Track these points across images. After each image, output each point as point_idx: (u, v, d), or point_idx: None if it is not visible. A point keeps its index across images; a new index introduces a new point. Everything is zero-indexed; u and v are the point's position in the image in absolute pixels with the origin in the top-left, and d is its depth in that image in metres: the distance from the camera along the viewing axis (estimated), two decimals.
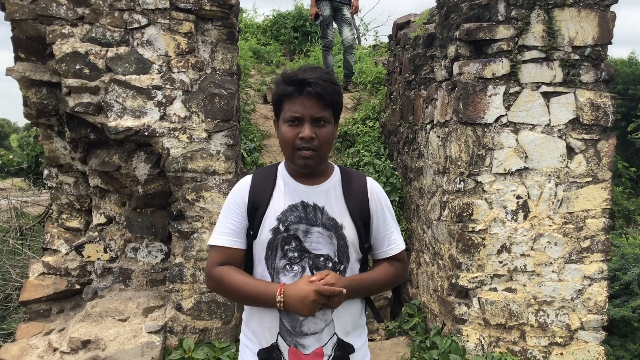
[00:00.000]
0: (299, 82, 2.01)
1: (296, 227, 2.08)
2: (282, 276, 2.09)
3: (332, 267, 2.10)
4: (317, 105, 2.02)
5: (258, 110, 7.77)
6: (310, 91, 1.99)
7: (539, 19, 4.22)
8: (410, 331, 5.04)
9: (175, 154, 4.39)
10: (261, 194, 2.15)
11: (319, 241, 2.09)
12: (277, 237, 2.08)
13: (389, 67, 7.29)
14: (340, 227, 2.11)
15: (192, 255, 4.48)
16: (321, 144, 2.04)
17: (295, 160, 2.06)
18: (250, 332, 2.20)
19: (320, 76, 2.03)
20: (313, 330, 2.09)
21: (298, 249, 2.08)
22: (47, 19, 4.23)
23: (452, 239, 4.48)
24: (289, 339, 2.10)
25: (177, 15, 4.34)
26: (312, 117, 2.01)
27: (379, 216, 2.21)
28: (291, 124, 2.03)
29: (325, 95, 2.01)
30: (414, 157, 5.56)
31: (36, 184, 7.67)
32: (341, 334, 2.15)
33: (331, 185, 2.18)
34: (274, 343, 2.12)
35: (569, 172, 4.30)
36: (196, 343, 4.44)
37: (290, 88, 2.03)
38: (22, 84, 4.49)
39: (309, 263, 2.08)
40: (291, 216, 2.09)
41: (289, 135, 2.03)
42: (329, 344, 2.12)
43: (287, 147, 2.06)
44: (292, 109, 2.03)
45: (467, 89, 4.26)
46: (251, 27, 11.69)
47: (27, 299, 4.75)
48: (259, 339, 2.15)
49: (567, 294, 4.36)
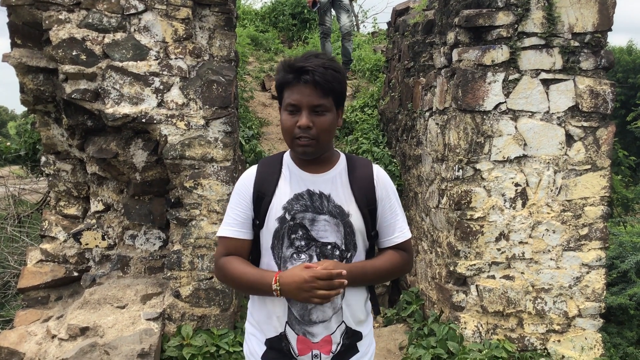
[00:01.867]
0: (297, 70, 2.00)
1: (302, 216, 2.08)
2: (289, 265, 2.08)
3: (339, 255, 2.09)
4: (314, 93, 2.00)
5: (256, 97, 7.75)
6: (308, 79, 1.98)
7: (538, 6, 4.20)
8: (408, 318, 5.06)
9: (173, 141, 4.37)
10: (266, 183, 2.15)
11: (326, 229, 2.08)
12: (284, 226, 2.08)
13: (387, 54, 7.26)
14: (346, 214, 2.10)
15: (190, 242, 4.48)
16: (319, 133, 2.02)
17: (295, 148, 2.07)
18: (256, 322, 2.20)
19: (321, 64, 2.00)
20: (322, 319, 2.09)
21: (305, 238, 2.08)
22: (44, 4, 4.18)
23: (451, 226, 4.48)
24: (298, 327, 2.10)
25: (174, 1, 4.30)
26: (309, 105, 2.00)
27: (385, 204, 2.19)
28: (290, 112, 2.03)
29: (324, 84, 1.99)
30: (413, 145, 5.55)
31: (34, 171, 7.65)
32: (349, 322, 2.15)
33: (337, 172, 2.17)
34: (282, 332, 2.12)
35: (568, 160, 4.30)
36: (194, 330, 4.45)
37: (290, 76, 2.02)
38: (18, 70, 4.45)
39: (316, 251, 2.08)
40: (297, 205, 2.09)
41: (288, 124, 2.03)
42: (337, 331, 2.12)
43: (287, 136, 2.07)
44: (290, 97, 2.02)
45: (466, 76, 4.24)
46: (249, 14, 11.63)
47: (25, 286, 4.74)
48: (266, 328, 2.16)
49: (565, 281, 4.36)
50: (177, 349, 4.29)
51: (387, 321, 5.26)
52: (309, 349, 2.11)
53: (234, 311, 4.64)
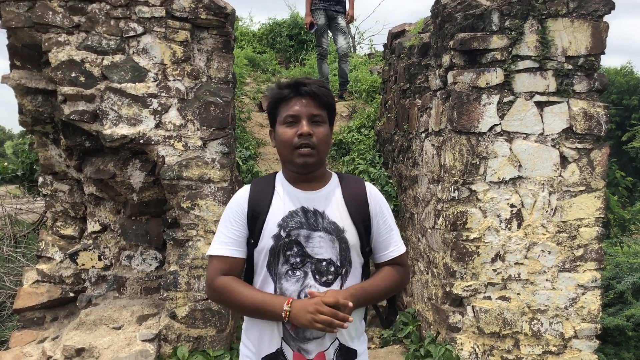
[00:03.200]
0: (294, 84, 2.09)
1: (297, 233, 2.10)
2: (284, 282, 2.10)
3: (335, 271, 2.11)
4: (313, 104, 2.08)
5: (253, 118, 7.79)
6: (306, 90, 2.07)
7: (532, 29, 4.26)
8: (405, 339, 5.04)
9: (171, 162, 4.40)
10: (260, 202, 2.17)
11: (321, 245, 2.10)
12: (279, 243, 2.10)
13: (384, 75, 7.32)
14: (341, 230, 2.13)
15: (186, 263, 4.48)
16: (319, 142, 2.08)
17: (295, 160, 2.09)
18: (251, 342, 2.20)
19: (314, 80, 2.12)
20: (315, 335, 2.10)
21: (300, 254, 2.10)
22: (43, 27, 4.24)
23: (447, 247, 4.49)
24: (293, 344, 2.11)
25: (173, 24, 4.36)
26: (309, 114, 2.07)
27: (379, 219, 2.23)
28: (288, 124, 2.08)
29: (321, 96, 2.09)
30: (409, 166, 5.58)
31: (31, 191, 7.67)
32: (344, 339, 2.16)
33: (330, 189, 2.20)
34: (279, 348, 2.13)
35: (563, 181, 4.33)
36: (190, 351, 4.43)
37: (286, 91, 2.10)
38: (17, 91, 4.49)
39: (311, 268, 2.10)
40: (292, 222, 2.11)
41: (287, 135, 2.07)
42: (331, 348, 2.13)
43: (286, 148, 2.09)
44: (289, 109, 2.08)
45: (462, 98, 4.29)
46: (247, 35, 11.72)
47: (21, 306, 4.74)
48: (262, 347, 2.15)
49: (560, 302, 4.37)
50: None
51: (383, 342, 5.24)
52: None
53: (230, 332, 4.63)
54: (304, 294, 2.09)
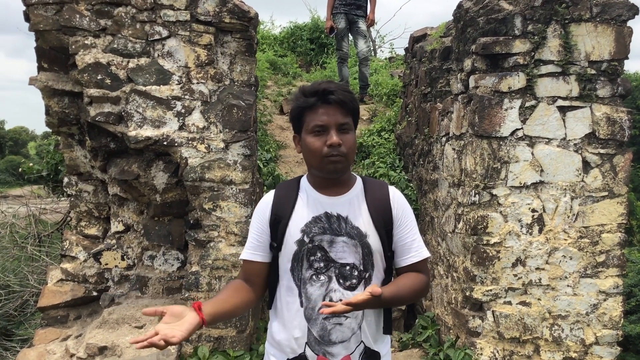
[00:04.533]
0: (321, 92, 2.06)
1: (321, 238, 2.12)
2: (308, 286, 2.12)
3: (358, 276, 2.13)
4: (340, 112, 2.07)
5: (274, 121, 7.84)
6: (334, 99, 2.05)
7: (555, 34, 4.25)
8: (424, 343, 5.04)
9: (193, 164, 4.45)
10: (283, 207, 2.19)
11: (344, 250, 2.12)
12: (303, 249, 2.12)
13: (404, 79, 7.33)
14: (364, 235, 2.13)
15: (208, 264, 4.53)
16: (348, 150, 2.08)
17: (325, 167, 2.09)
18: (276, 342, 2.23)
19: (338, 86, 2.10)
20: (341, 339, 2.12)
21: (324, 259, 2.12)
22: (70, 30, 4.32)
23: (467, 251, 4.49)
24: (317, 348, 2.13)
25: (197, 28, 4.41)
26: (337, 123, 2.06)
27: (402, 224, 2.22)
28: (316, 133, 2.07)
29: (348, 103, 2.07)
30: (429, 170, 5.58)
31: (55, 191, 7.78)
32: (368, 342, 2.18)
33: (354, 195, 2.20)
34: (302, 353, 2.15)
35: (585, 187, 4.30)
36: (211, 351, 4.47)
37: (312, 99, 2.08)
38: (44, 93, 4.58)
39: (335, 272, 2.12)
40: (315, 227, 2.13)
41: (316, 145, 2.06)
42: (357, 351, 2.15)
43: (315, 157, 2.09)
44: (315, 118, 2.07)
45: (483, 102, 4.29)
46: (268, 38, 11.78)
47: (45, 305, 4.82)
48: (285, 350, 2.18)
49: (582, 308, 4.34)
50: None
51: (402, 346, 5.25)
52: None
53: (250, 333, 4.66)
54: (328, 298, 2.10)
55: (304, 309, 2.14)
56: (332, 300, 2.10)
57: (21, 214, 8.81)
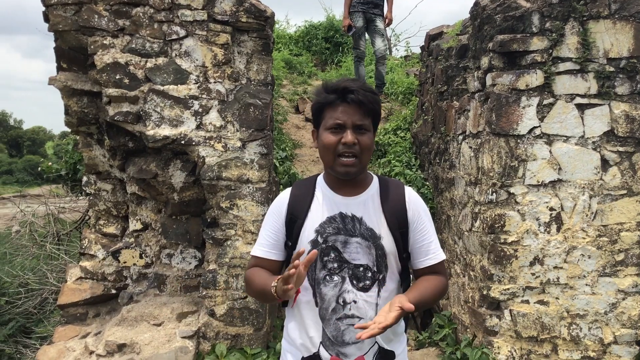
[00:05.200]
0: (341, 90, 2.06)
1: (335, 239, 2.12)
2: (322, 287, 2.13)
3: (372, 277, 2.13)
4: (358, 112, 2.06)
5: (290, 120, 7.86)
6: (353, 98, 2.04)
7: (573, 31, 4.22)
8: (441, 342, 5.03)
9: (211, 163, 4.48)
10: (299, 206, 2.20)
11: (358, 251, 2.12)
12: (317, 249, 2.10)
13: (420, 77, 7.31)
14: (378, 237, 2.13)
15: (225, 262, 4.56)
16: (362, 151, 2.08)
17: (336, 168, 2.09)
18: (292, 339, 2.25)
19: (361, 85, 2.09)
20: (354, 340, 2.12)
21: (337, 260, 2.12)
22: (89, 30, 4.36)
23: (484, 250, 4.48)
24: (331, 348, 2.14)
25: (214, 27, 4.44)
26: (354, 124, 2.06)
27: (417, 226, 2.20)
28: (333, 130, 2.07)
29: (367, 104, 2.06)
30: (446, 168, 5.57)
31: (74, 190, 7.86)
32: (382, 342, 2.19)
33: (369, 195, 2.20)
34: (316, 352, 2.17)
35: (603, 185, 4.27)
36: (228, 349, 4.50)
37: (333, 96, 2.08)
38: (64, 93, 4.63)
39: (348, 273, 2.12)
40: (329, 228, 2.13)
41: (331, 141, 2.07)
42: (370, 352, 2.16)
43: (328, 154, 2.09)
44: (334, 116, 2.07)
45: (500, 100, 4.27)
46: (283, 37, 11.81)
47: (65, 302, 4.87)
48: (301, 347, 2.20)
49: (600, 307, 4.31)
50: None
51: (419, 344, 5.24)
52: None
53: (267, 331, 4.69)
54: (342, 299, 2.12)
55: (319, 308, 2.15)
56: (345, 301, 2.11)
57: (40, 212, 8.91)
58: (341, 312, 2.12)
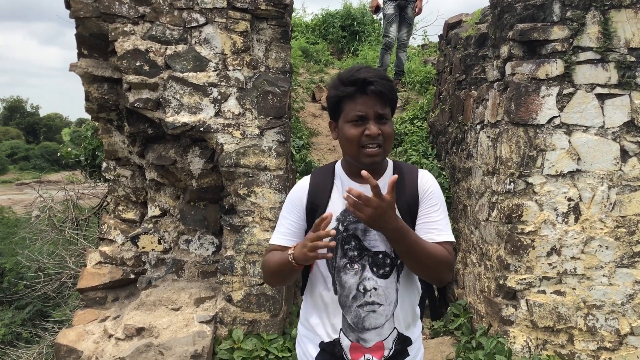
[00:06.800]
0: (360, 82, 2.05)
1: (355, 227, 2.13)
2: (342, 274, 2.14)
3: (390, 263, 2.14)
4: (379, 102, 2.06)
5: (306, 108, 7.87)
6: (373, 89, 2.04)
7: (594, 20, 4.18)
8: (456, 331, 5.05)
9: (229, 150, 4.51)
10: (320, 195, 2.21)
11: (376, 239, 2.13)
12: (337, 237, 2.12)
13: (438, 66, 7.28)
14: None
15: (242, 248, 4.60)
16: (386, 140, 2.08)
17: (362, 159, 2.08)
18: (311, 325, 2.27)
19: (377, 74, 2.08)
20: (374, 325, 2.15)
21: (358, 248, 2.14)
22: (110, 17, 4.39)
23: (501, 240, 4.47)
24: (352, 335, 2.16)
25: (233, 15, 4.45)
26: (376, 114, 2.05)
27: (425, 203, 2.17)
28: (355, 123, 2.06)
29: (387, 93, 2.06)
30: (463, 158, 5.56)
31: (92, 176, 7.94)
32: (401, 328, 2.20)
33: (385, 182, 2.18)
34: (337, 339, 2.19)
35: (623, 175, 4.25)
36: (245, 334, 4.55)
37: (351, 88, 2.07)
38: (84, 79, 4.67)
39: (368, 261, 2.14)
40: (350, 216, 2.14)
41: (355, 134, 2.06)
42: (390, 338, 2.18)
43: (352, 146, 2.08)
44: (355, 108, 2.06)
45: (520, 89, 4.25)
46: (300, 26, 11.79)
47: (84, 286, 4.94)
48: (320, 333, 2.22)
49: (617, 298, 4.30)
50: (228, 352, 4.40)
51: (434, 333, 5.26)
52: (362, 354, 2.17)
53: (283, 317, 4.73)
54: (362, 286, 2.13)
55: (339, 296, 2.17)
56: (365, 288, 2.13)
57: (58, 198, 9.01)
58: (362, 299, 2.14)
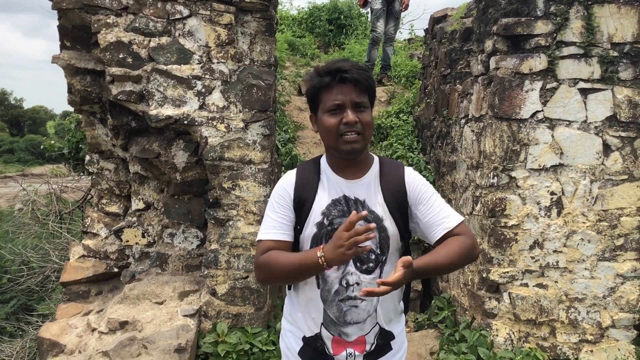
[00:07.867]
0: (334, 72, 2.07)
1: (340, 221, 2.12)
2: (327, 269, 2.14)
3: (375, 259, 2.15)
4: (355, 90, 2.07)
5: (292, 102, 7.85)
6: (348, 77, 2.05)
7: (578, 15, 4.21)
8: (440, 324, 5.08)
9: (213, 143, 4.49)
10: (306, 190, 2.20)
11: None
12: (322, 231, 2.13)
13: (424, 61, 7.30)
14: (380, 219, 2.15)
15: (227, 242, 4.58)
16: (364, 127, 2.09)
17: (341, 147, 2.09)
18: (293, 319, 2.28)
19: (353, 64, 2.10)
20: (356, 320, 2.16)
21: None
22: (93, 8, 4.34)
23: (484, 233, 4.50)
24: (333, 329, 2.18)
25: (217, 7, 4.42)
26: (352, 102, 2.06)
27: (420, 202, 2.19)
28: (332, 112, 2.08)
29: (362, 81, 2.07)
30: (447, 152, 5.58)
31: (76, 169, 7.88)
32: (383, 323, 2.22)
33: (371, 178, 2.21)
34: (318, 332, 2.20)
35: (605, 170, 4.29)
36: (229, 328, 4.54)
37: (327, 78, 2.08)
38: (67, 71, 4.62)
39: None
40: (334, 210, 2.14)
41: (332, 123, 2.07)
42: (371, 333, 2.20)
43: (331, 136, 2.10)
44: (331, 97, 2.08)
45: (504, 83, 4.27)
46: (286, 19, 11.74)
47: (68, 280, 4.90)
48: (303, 327, 2.23)
49: (599, 291, 4.35)
50: (213, 345, 4.39)
51: (418, 326, 5.29)
52: (344, 348, 2.18)
53: (267, 311, 4.73)
54: (345, 280, 2.13)
55: (321, 290, 2.17)
56: (348, 283, 2.13)
57: (41, 191, 8.93)
58: (344, 293, 2.14)
